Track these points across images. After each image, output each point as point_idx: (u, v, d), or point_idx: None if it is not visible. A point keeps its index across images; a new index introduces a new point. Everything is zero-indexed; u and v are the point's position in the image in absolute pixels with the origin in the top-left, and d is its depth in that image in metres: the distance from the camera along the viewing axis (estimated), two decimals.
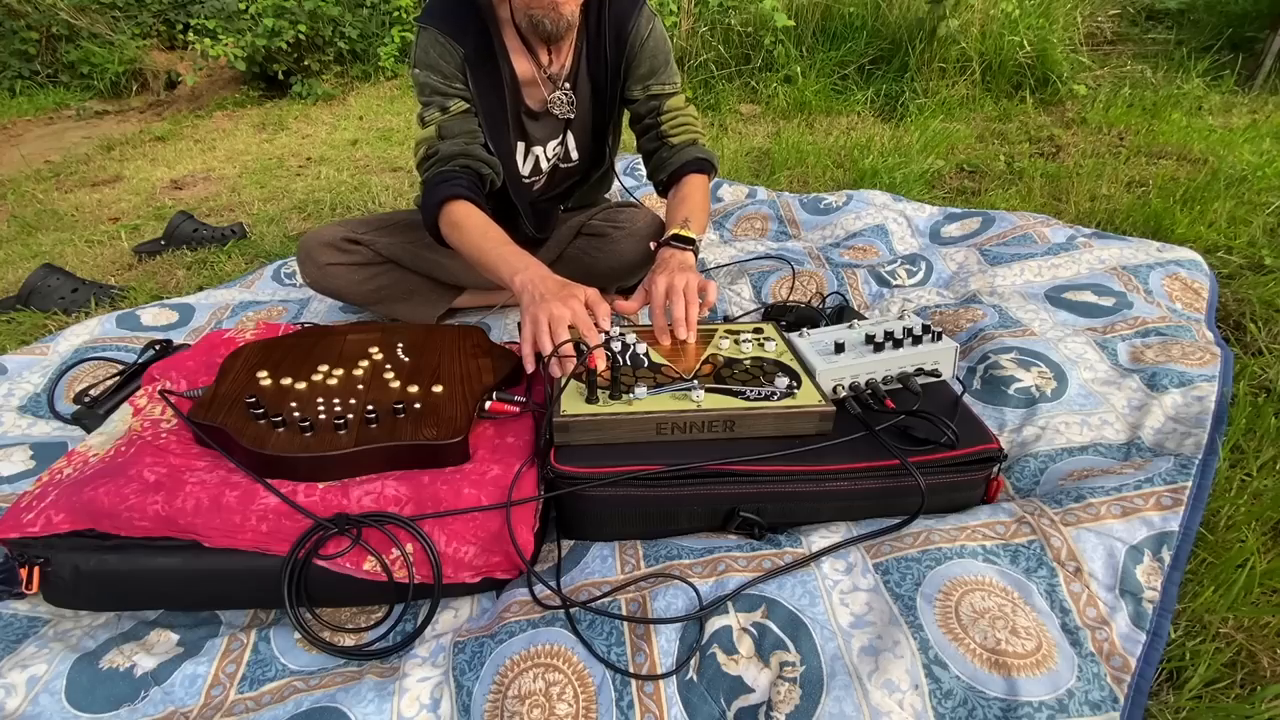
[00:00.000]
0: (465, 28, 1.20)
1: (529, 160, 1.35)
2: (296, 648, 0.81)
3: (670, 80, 1.32)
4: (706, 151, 1.33)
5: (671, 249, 1.16)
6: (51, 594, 0.83)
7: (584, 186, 1.48)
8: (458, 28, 1.20)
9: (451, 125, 1.22)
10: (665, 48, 1.30)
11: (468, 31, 1.20)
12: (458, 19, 1.20)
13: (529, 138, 1.32)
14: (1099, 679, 0.69)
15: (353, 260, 1.36)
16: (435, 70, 1.21)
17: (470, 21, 1.21)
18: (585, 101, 1.32)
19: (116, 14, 5.02)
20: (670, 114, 1.33)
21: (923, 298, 1.45)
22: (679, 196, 1.28)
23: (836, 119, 2.88)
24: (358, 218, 1.46)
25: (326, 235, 1.35)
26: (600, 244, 1.40)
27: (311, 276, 1.35)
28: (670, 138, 1.33)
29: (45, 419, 1.23)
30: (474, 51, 1.21)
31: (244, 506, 0.82)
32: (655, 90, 1.31)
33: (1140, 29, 3.52)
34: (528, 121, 1.30)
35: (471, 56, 1.21)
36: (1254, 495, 0.90)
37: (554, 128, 1.33)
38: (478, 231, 1.15)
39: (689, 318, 1.04)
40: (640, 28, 1.26)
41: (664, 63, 1.31)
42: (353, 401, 0.94)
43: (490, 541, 0.83)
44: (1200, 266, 1.39)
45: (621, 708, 0.69)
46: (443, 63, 1.20)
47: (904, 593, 0.75)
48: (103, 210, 2.54)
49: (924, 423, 0.89)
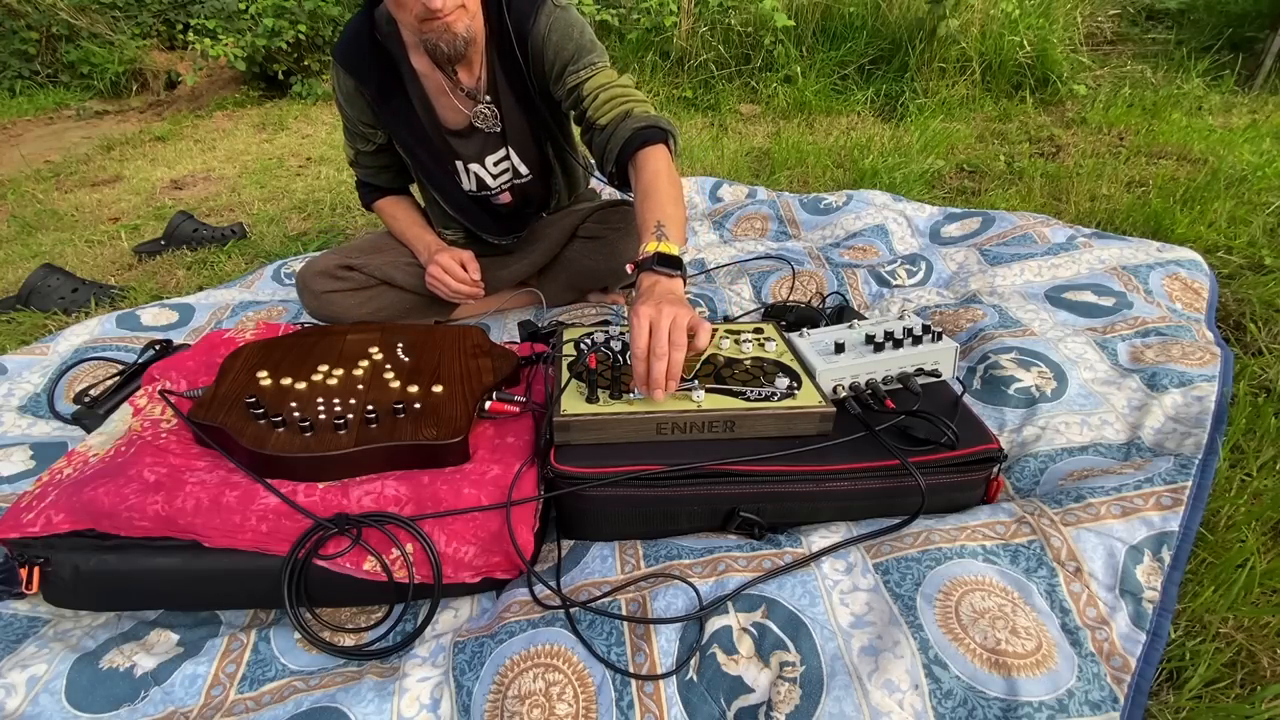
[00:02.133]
0: (367, 65, 1.21)
1: (470, 177, 1.34)
2: (296, 648, 0.81)
3: (589, 63, 1.18)
4: (650, 117, 1.13)
5: (654, 275, 0.94)
6: (51, 594, 0.83)
7: (554, 195, 1.46)
8: (360, 65, 1.21)
9: (364, 160, 1.38)
10: (574, 34, 1.17)
11: (370, 68, 1.21)
12: (358, 56, 1.21)
13: (460, 156, 1.31)
14: (1099, 679, 0.69)
15: (348, 286, 1.38)
16: (344, 109, 1.30)
17: (371, 57, 1.20)
18: (513, 112, 1.26)
19: (116, 14, 5.02)
20: (591, 95, 1.17)
21: (923, 298, 1.45)
22: (641, 189, 1.08)
23: (836, 119, 2.88)
24: (349, 245, 1.50)
25: (321, 265, 1.37)
26: (597, 247, 1.40)
27: (311, 306, 1.38)
28: (598, 120, 1.16)
29: (45, 419, 1.23)
30: (378, 88, 1.22)
31: (244, 506, 0.82)
32: (571, 81, 1.18)
33: (1140, 29, 3.52)
34: (454, 141, 1.29)
35: (376, 94, 1.23)
36: (1254, 495, 0.90)
37: (486, 143, 1.30)
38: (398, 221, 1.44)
39: (670, 370, 0.85)
40: (539, 26, 1.16)
41: (575, 51, 1.18)
42: (353, 401, 0.94)
43: (490, 541, 0.83)
44: (1200, 266, 1.39)
45: (621, 708, 0.69)
46: (348, 106, 1.27)
47: (904, 593, 0.75)
48: (103, 210, 2.54)
49: (924, 423, 0.89)
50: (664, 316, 0.86)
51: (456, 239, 1.47)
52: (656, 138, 1.12)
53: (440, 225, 1.47)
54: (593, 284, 1.51)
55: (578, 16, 1.20)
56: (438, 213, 1.44)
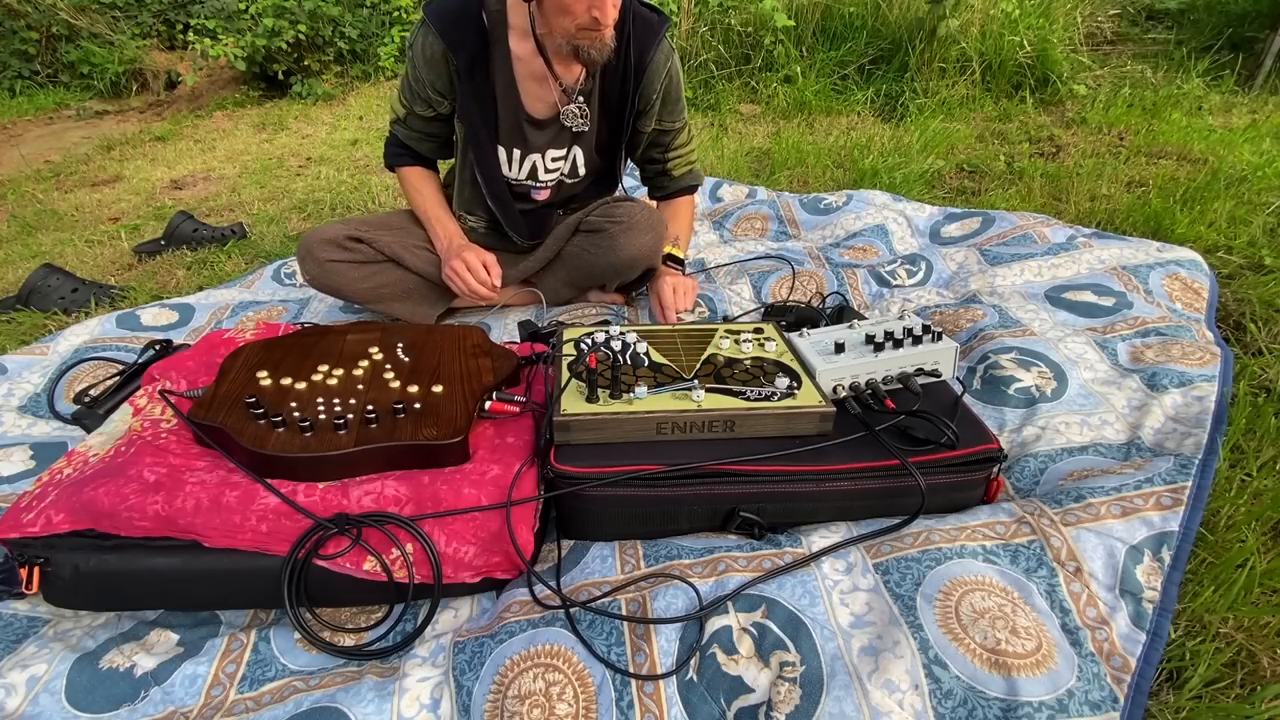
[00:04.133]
0: (465, 35, 1.21)
1: (525, 166, 1.35)
2: (296, 648, 0.81)
3: (680, 117, 1.40)
4: (699, 176, 1.52)
5: (670, 269, 1.45)
6: (51, 594, 0.83)
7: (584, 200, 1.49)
8: (457, 35, 1.21)
9: (413, 122, 1.37)
10: (678, 85, 1.36)
11: (466, 39, 1.21)
12: (461, 27, 1.21)
13: (528, 144, 1.32)
14: (1099, 679, 0.69)
15: (354, 258, 1.36)
16: (421, 71, 1.27)
17: (471, 28, 1.21)
18: (597, 119, 1.34)
19: (116, 14, 5.02)
20: (676, 151, 1.44)
21: (923, 298, 1.45)
22: (672, 211, 1.50)
23: (836, 119, 2.88)
24: (359, 218, 1.48)
25: (329, 233, 1.36)
26: (599, 240, 1.40)
27: (311, 273, 1.36)
28: (673, 171, 1.47)
29: (45, 419, 1.23)
30: (468, 63, 1.23)
31: (244, 506, 0.82)
32: (666, 125, 1.39)
33: (1140, 29, 3.52)
34: (529, 129, 1.31)
35: (464, 68, 1.23)
36: (1254, 495, 0.90)
37: (559, 137, 1.33)
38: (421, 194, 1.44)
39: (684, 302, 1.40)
40: (658, 63, 1.29)
41: (675, 99, 1.37)
42: (353, 401, 0.94)
43: (490, 541, 0.83)
44: (1200, 266, 1.39)
45: (621, 708, 0.69)
46: (426, 68, 1.26)
47: (904, 593, 0.75)
48: (103, 210, 2.54)
49: (924, 423, 0.89)
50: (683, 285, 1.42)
51: (477, 225, 1.46)
52: (696, 189, 1.54)
53: (464, 209, 1.45)
54: (592, 281, 1.50)
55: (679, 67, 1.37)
56: (470, 195, 1.42)
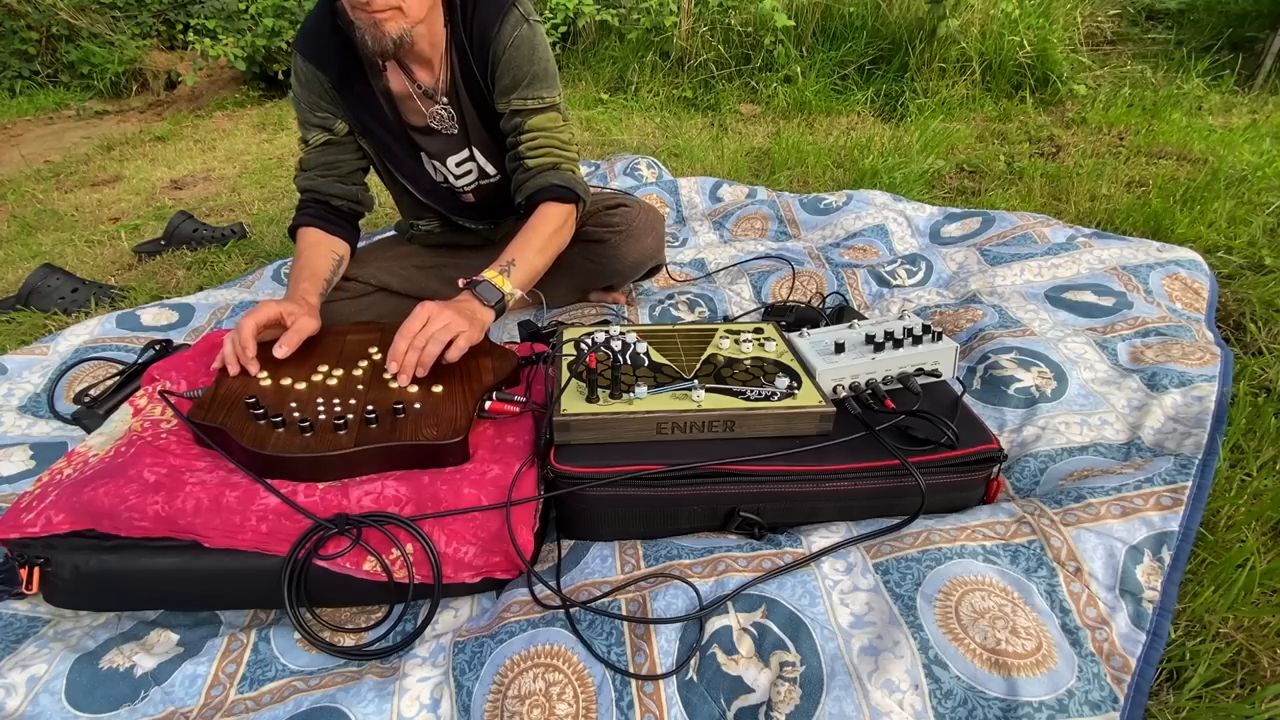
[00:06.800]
0: (328, 53, 1.18)
1: (437, 172, 1.33)
2: (296, 648, 0.81)
3: (537, 95, 1.20)
4: (566, 178, 1.21)
5: (472, 296, 1.08)
6: (51, 594, 0.83)
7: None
8: (321, 54, 1.19)
9: (310, 159, 1.27)
10: (533, 58, 1.17)
11: (330, 57, 1.18)
12: (320, 45, 1.19)
13: (428, 153, 1.30)
14: (1099, 679, 0.69)
15: (347, 295, 1.36)
16: (302, 99, 1.23)
17: (334, 46, 1.18)
18: (472, 116, 1.25)
19: (116, 14, 5.02)
20: (531, 134, 1.21)
21: (923, 298, 1.45)
22: (525, 228, 1.19)
23: (836, 119, 2.88)
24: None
25: None
26: (601, 250, 1.40)
27: None
28: (526, 159, 1.21)
29: (45, 419, 1.23)
30: (338, 77, 1.20)
31: (244, 507, 0.82)
32: (517, 105, 1.20)
33: (1140, 29, 3.52)
34: (418, 137, 1.28)
35: (337, 82, 1.20)
36: (1254, 495, 0.90)
37: (448, 143, 1.29)
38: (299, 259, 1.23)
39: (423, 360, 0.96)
40: (503, 36, 1.15)
41: (529, 76, 1.18)
42: (353, 401, 0.94)
43: (490, 541, 0.83)
44: (1200, 266, 1.39)
45: (621, 708, 0.69)
46: (306, 92, 1.22)
47: (904, 593, 0.75)
48: (103, 210, 2.54)
49: (924, 423, 0.89)
50: (440, 319, 0.98)
51: (432, 228, 1.45)
52: (568, 198, 1.22)
53: (412, 216, 1.45)
54: (595, 284, 1.51)
55: (543, 39, 1.19)
56: (409, 202, 1.41)
